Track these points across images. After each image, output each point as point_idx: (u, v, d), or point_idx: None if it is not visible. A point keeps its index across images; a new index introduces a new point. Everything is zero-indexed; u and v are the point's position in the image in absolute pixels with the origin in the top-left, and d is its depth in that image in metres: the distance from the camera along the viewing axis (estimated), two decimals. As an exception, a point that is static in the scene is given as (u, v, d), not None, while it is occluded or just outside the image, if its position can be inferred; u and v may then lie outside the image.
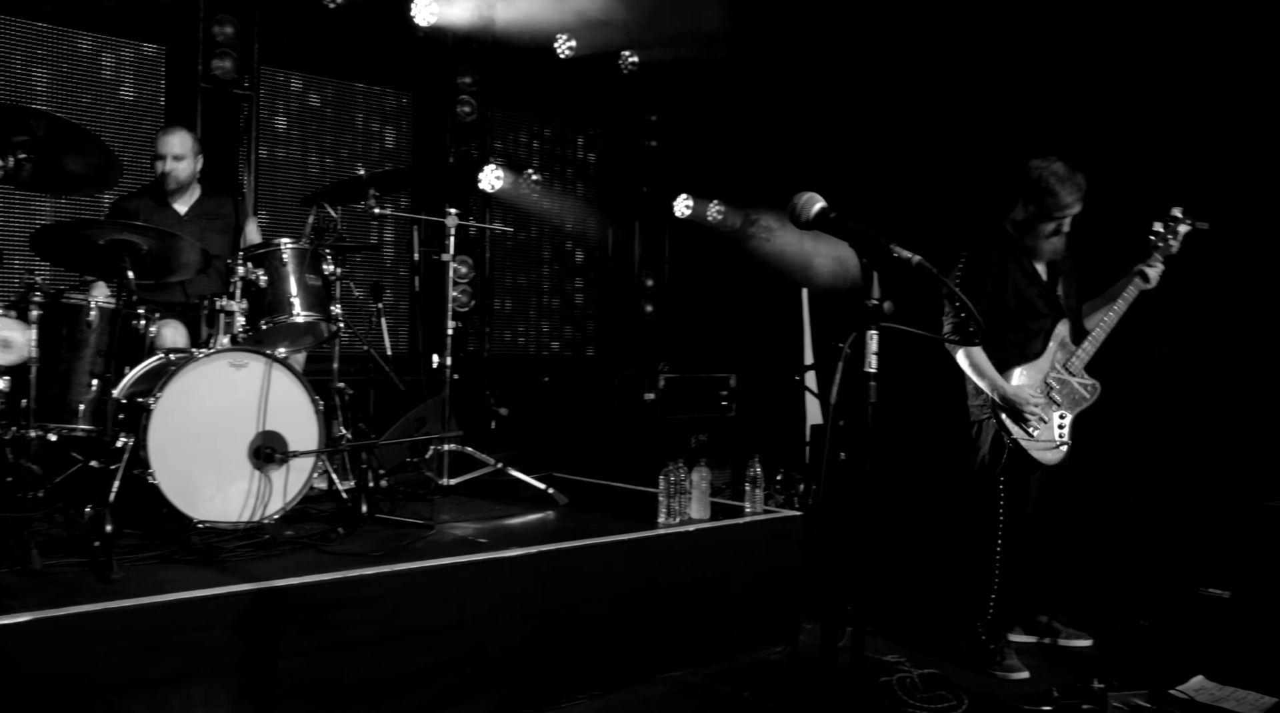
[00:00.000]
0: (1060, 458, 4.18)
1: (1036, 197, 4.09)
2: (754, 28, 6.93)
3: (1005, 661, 4.08)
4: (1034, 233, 4.15)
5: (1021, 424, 4.09)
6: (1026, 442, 4.11)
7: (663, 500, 4.22)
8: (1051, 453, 4.15)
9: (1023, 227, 4.18)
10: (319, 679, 3.07)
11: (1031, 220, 4.15)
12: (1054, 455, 4.16)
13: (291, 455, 3.80)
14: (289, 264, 4.11)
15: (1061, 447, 4.17)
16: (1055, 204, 4.06)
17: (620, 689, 3.77)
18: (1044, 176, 4.05)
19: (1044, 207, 4.08)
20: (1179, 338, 5.64)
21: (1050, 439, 4.15)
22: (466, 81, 7.01)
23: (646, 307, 8.25)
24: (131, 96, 5.92)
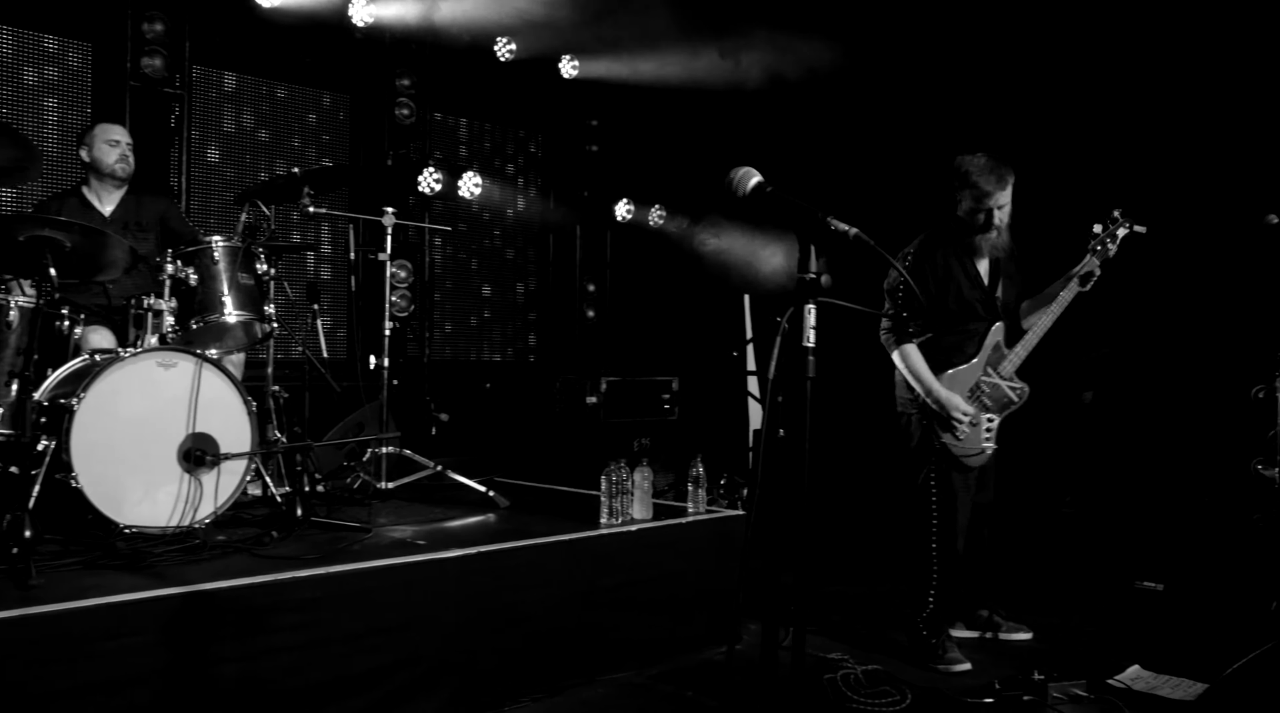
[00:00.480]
0: (985, 460, 4.21)
1: (964, 190, 4.15)
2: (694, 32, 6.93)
3: (947, 654, 4.10)
4: (971, 228, 4.20)
5: (949, 429, 4.12)
6: (954, 446, 4.14)
7: (605, 501, 4.19)
8: (977, 457, 4.18)
9: (963, 223, 4.23)
10: (254, 685, 2.98)
11: (967, 217, 4.19)
12: (979, 459, 4.19)
13: (223, 458, 3.70)
14: (220, 262, 4.00)
15: (986, 450, 4.20)
16: (979, 194, 4.11)
17: (563, 692, 3.73)
18: (967, 169, 4.12)
19: (975, 198, 4.13)
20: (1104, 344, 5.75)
21: (977, 443, 4.17)
22: (405, 84, 6.92)
23: (588, 312, 8.21)
24: (56, 95, 5.76)
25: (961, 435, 4.12)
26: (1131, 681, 3.84)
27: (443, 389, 6.91)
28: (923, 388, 4.13)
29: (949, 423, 4.10)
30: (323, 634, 3.13)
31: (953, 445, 4.13)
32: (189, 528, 3.60)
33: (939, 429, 4.13)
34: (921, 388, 4.13)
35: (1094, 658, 4.06)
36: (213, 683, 2.90)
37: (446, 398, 6.84)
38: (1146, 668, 3.98)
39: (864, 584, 5.35)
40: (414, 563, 3.42)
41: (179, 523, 3.59)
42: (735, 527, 4.49)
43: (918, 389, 4.14)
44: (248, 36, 6.27)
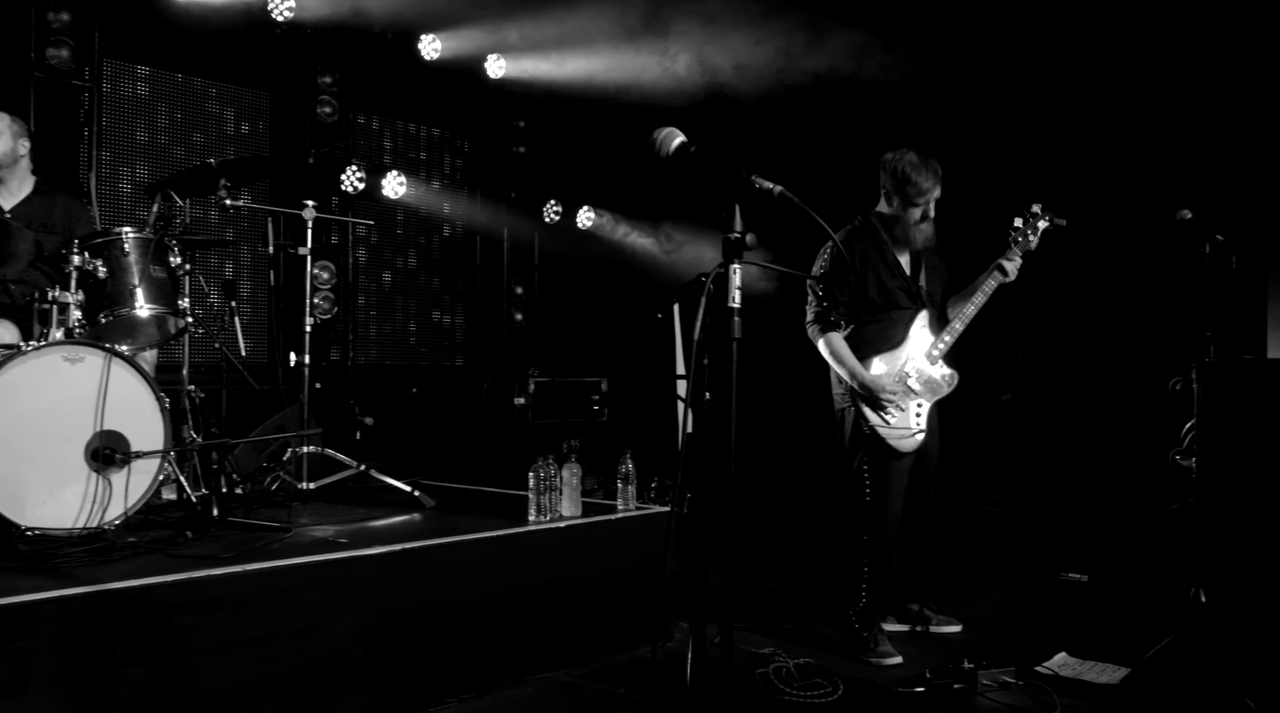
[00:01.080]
0: (917, 445, 4.23)
1: (898, 187, 4.19)
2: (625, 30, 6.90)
3: (879, 647, 4.10)
4: (902, 223, 4.23)
5: (878, 412, 4.14)
6: (883, 430, 4.15)
7: (533, 498, 4.11)
8: (908, 441, 4.20)
9: (890, 219, 4.26)
10: (165, 689, 2.84)
11: (897, 212, 4.23)
12: (910, 443, 4.21)
13: (134, 457, 3.55)
14: (131, 254, 3.85)
15: (918, 435, 4.22)
16: (916, 191, 4.16)
17: (492, 692, 3.63)
18: (901, 167, 4.16)
19: (905, 195, 4.18)
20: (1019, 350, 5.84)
21: (907, 427, 4.19)
22: (327, 81, 6.79)
23: (516, 315, 8.12)
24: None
25: (891, 418, 4.13)
26: (1059, 667, 3.88)
27: (367, 393, 6.77)
28: (848, 372, 4.14)
29: (878, 404, 4.12)
30: (238, 635, 3.01)
31: (882, 429, 4.13)
32: (96, 529, 3.44)
33: (869, 412, 4.13)
34: (847, 373, 4.15)
35: (1022, 647, 4.09)
36: (121, 686, 2.76)
37: (371, 402, 6.70)
38: (1073, 655, 4.03)
39: (796, 581, 5.34)
40: (335, 560, 3.31)
41: (86, 524, 3.43)
42: (665, 524, 4.44)
43: (843, 375, 4.16)
44: (163, 30, 6.09)
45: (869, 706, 3.60)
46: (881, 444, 4.16)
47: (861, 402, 4.15)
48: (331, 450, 4.47)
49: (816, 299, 4.22)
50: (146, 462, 3.61)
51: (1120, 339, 5.61)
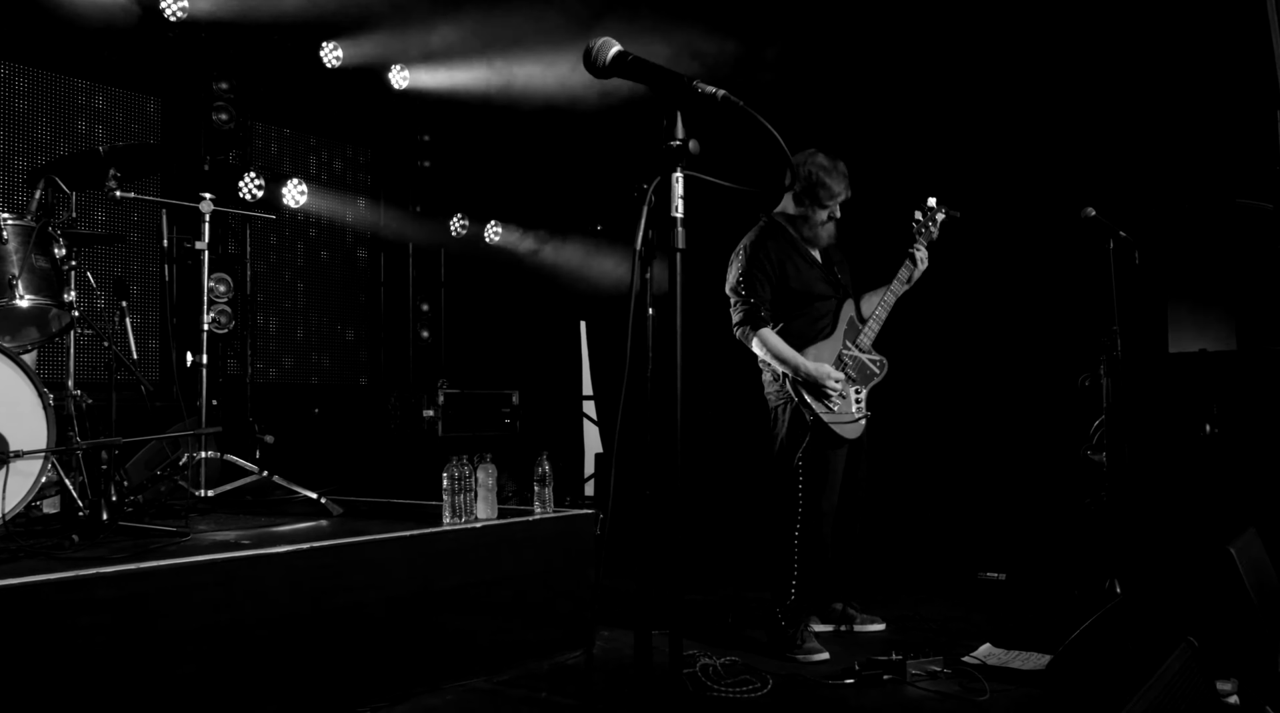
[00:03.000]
0: (861, 431, 4.22)
1: (808, 189, 4.20)
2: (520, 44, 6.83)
3: (805, 644, 4.03)
4: (810, 223, 4.27)
5: (823, 400, 4.10)
6: (828, 417, 4.12)
7: (447, 499, 3.94)
8: (853, 426, 4.18)
9: (797, 219, 4.29)
10: (47, 698, 2.60)
11: (805, 213, 4.25)
12: (855, 430, 4.19)
13: (13, 457, 3.28)
14: (10, 242, 3.59)
15: (861, 420, 4.21)
16: (828, 193, 4.20)
17: (406, 700, 3.45)
18: (813, 171, 4.17)
19: (816, 197, 4.20)
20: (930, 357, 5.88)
21: (849, 413, 4.17)
22: (224, 87, 6.53)
23: (423, 332, 7.90)
24: None
25: (834, 406, 4.10)
26: (985, 657, 3.87)
27: (267, 412, 6.49)
28: (789, 366, 4.10)
29: (823, 391, 4.08)
30: (132, 638, 2.78)
31: (826, 416, 4.10)
32: (-30, 535, 3.16)
33: (813, 401, 4.09)
34: (787, 366, 4.10)
35: (947, 642, 4.06)
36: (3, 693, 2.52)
37: (272, 421, 6.41)
38: (997, 646, 4.02)
39: (716, 591, 5.25)
40: (236, 559, 3.10)
41: (-42, 530, 3.15)
42: (585, 526, 4.31)
43: (783, 369, 4.11)
44: (43, 26, 5.78)
45: (798, 699, 3.52)
46: (826, 433, 4.12)
47: (804, 392, 4.10)
48: (232, 456, 4.23)
49: (741, 300, 4.18)
50: (27, 463, 3.35)
51: (1027, 337, 5.70)
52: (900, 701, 3.45)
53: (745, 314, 4.17)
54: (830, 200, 4.21)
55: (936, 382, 5.88)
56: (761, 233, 4.29)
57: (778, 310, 4.20)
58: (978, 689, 3.49)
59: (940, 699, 3.44)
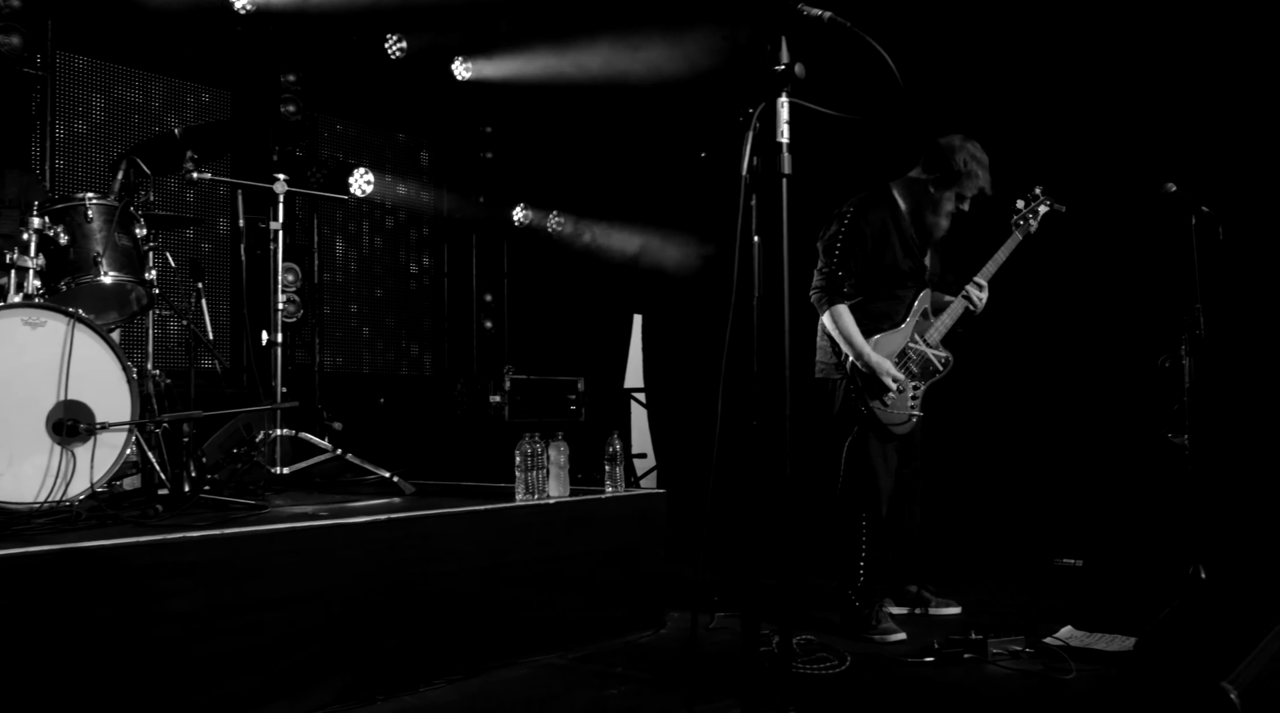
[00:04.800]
0: (910, 429, 4.13)
1: (952, 175, 4.04)
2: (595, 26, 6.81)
3: (881, 624, 3.97)
4: (935, 208, 4.12)
5: (878, 394, 4.03)
6: (880, 412, 4.04)
7: (520, 475, 3.94)
8: (904, 425, 4.10)
9: (922, 197, 4.13)
10: (136, 658, 2.63)
11: (937, 197, 4.10)
12: (905, 427, 4.11)
13: (100, 428, 3.33)
14: (95, 221, 3.65)
15: (913, 418, 4.12)
16: (973, 185, 4.05)
17: (482, 673, 3.45)
18: (966, 160, 4.01)
19: (960, 184, 4.05)
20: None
21: (903, 410, 4.09)
22: (291, 79, 6.61)
23: (486, 323, 7.94)
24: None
25: (889, 401, 4.02)
26: (1067, 638, 3.77)
27: (334, 400, 6.55)
28: (853, 351, 4.01)
29: (878, 388, 4.00)
30: (214, 603, 2.81)
31: (879, 411, 4.02)
32: (59, 504, 3.22)
33: (866, 395, 4.02)
34: (852, 351, 4.02)
35: (1025, 624, 3.97)
36: (89, 654, 2.55)
37: (338, 410, 6.47)
38: (1079, 628, 3.92)
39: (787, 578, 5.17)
40: (316, 528, 3.12)
41: (48, 499, 3.21)
42: (656, 505, 4.29)
43: (847, 351, 4.03)
44: (120, 23, 5.90)
45: (878, 675, 3.46)
46: (876, 425, 4.05)
47: (860, 381, 4.03)
48: (307, 434, 4.26)
49: (827, 265, 4.07)
50: (112, 436, 3.40)
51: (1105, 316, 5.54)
52: (982, 679, 3.38)
53: (827, 282, 4.06)
54: (973, 192, 4.07)
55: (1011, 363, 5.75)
56: (870, 200, 4.15)
57: (860, 285, 4.09)
58: (1063, 668, 3.40)
59: (1024, 678, 3.36)
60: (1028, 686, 3.29)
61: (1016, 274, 4.51)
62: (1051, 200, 4.30)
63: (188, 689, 2.72)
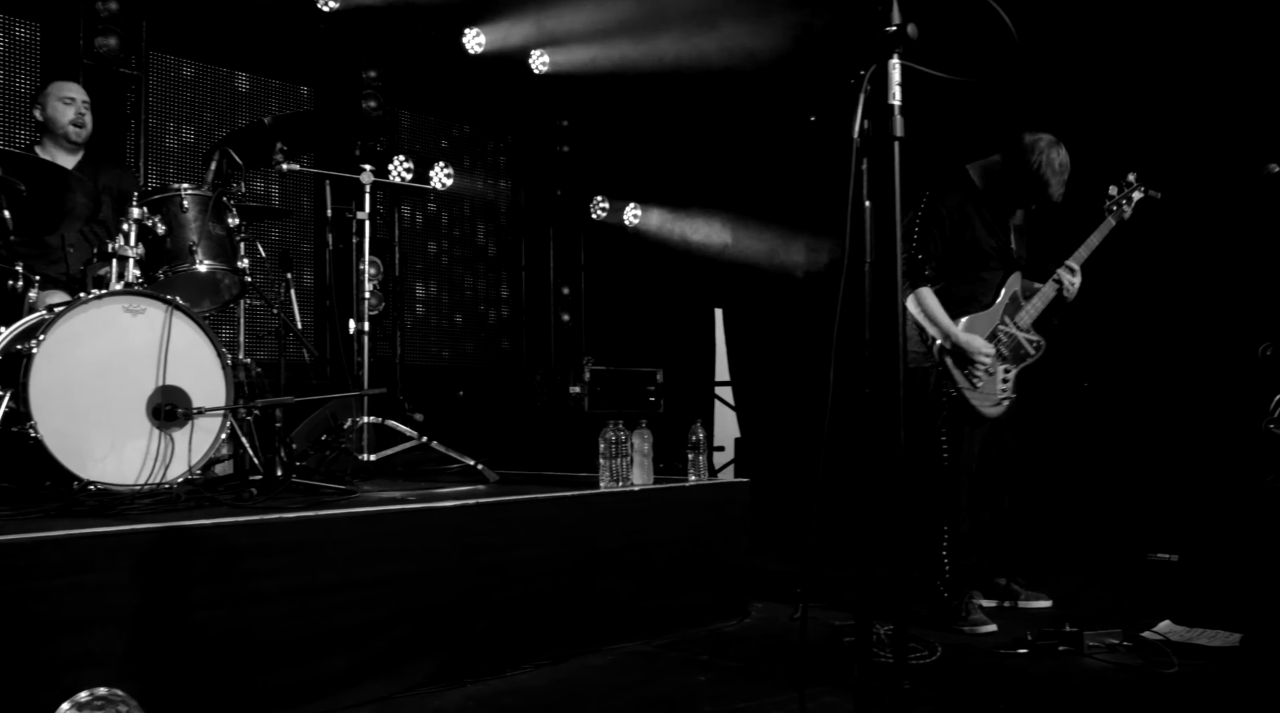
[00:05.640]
0: (1002, 412, 4.04)
1: (1027, 178, 3.95)
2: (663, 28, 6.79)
3: (971, 615, 3.89)
4: (1008, 201, 4.07)
5: (968, 375, 3.95)
6: (970, 394, 3.96)
7: (603, 462, 3.94)
8: (994, 407, 4.01)
9: (995, 184, 4.07)
10: (230, 635, 2.68)
11: (1011, 192, 4.04)
12: (996, 410, 4.02)
13: (197, 413, 3.41)
14: (190, 211, 3.74)
15: (1004, 401, 4.03)
16: (1040, 194, 3.96)
17: (568, 660, 3.45)
18: (1041, 165, 3.90)
19: (1032, 188, 3.96)
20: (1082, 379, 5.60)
21: (993, 393, 4.01)
22: (372, 75, 6.71)
23: (564, 316, 7.98)
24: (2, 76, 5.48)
25: (979, 382, 3.94)
26: (1166, 632, 3.65)
27: (414, 393, 6.62)
28: (940, 332, 3.95)
29: (969, 367, 3.93)
30: (304, 583, 2.85)
31: (969, 394, 3.94)
32: (160, 486, 3.29)
33: (957, 374, 3.94)
34: (939, 332, 3.95)
35: (1119, 619, 3.86)
36: (188, 629, 2.61)
37: (418, 402, 6.55)
38: (1178, 623, 3.79)
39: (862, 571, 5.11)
40: (406, 511, 3.16)
41: (148, 481, 3.29)
42: (739, 495, 4.27)
43: (933, 333, 3.96)
44: (208, 23, 6.04)
45: (969, 666, 3.39)
46: (966, 408, 3.97)
47: (950, 362, 3.96)
48: (393, 422, 4.32)
49: (906, 248, 4.01)
50: (208, 421, 3.48)
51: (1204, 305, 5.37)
52: (1079, 671, 3.29)
53: (908, 266, 3.99)
54: (1041, 200, 3.98)
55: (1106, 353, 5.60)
56: (946, 183, 4.09)
57: (942, 270, 4.02)
58: (1164, 663, 3.29)
59: (1123, 671, 3.27)
60: (1128, 679, 3.19)
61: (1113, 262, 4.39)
62: (1146, 187, 4.19)
63: (282, 667, 2.77)
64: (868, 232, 1.90)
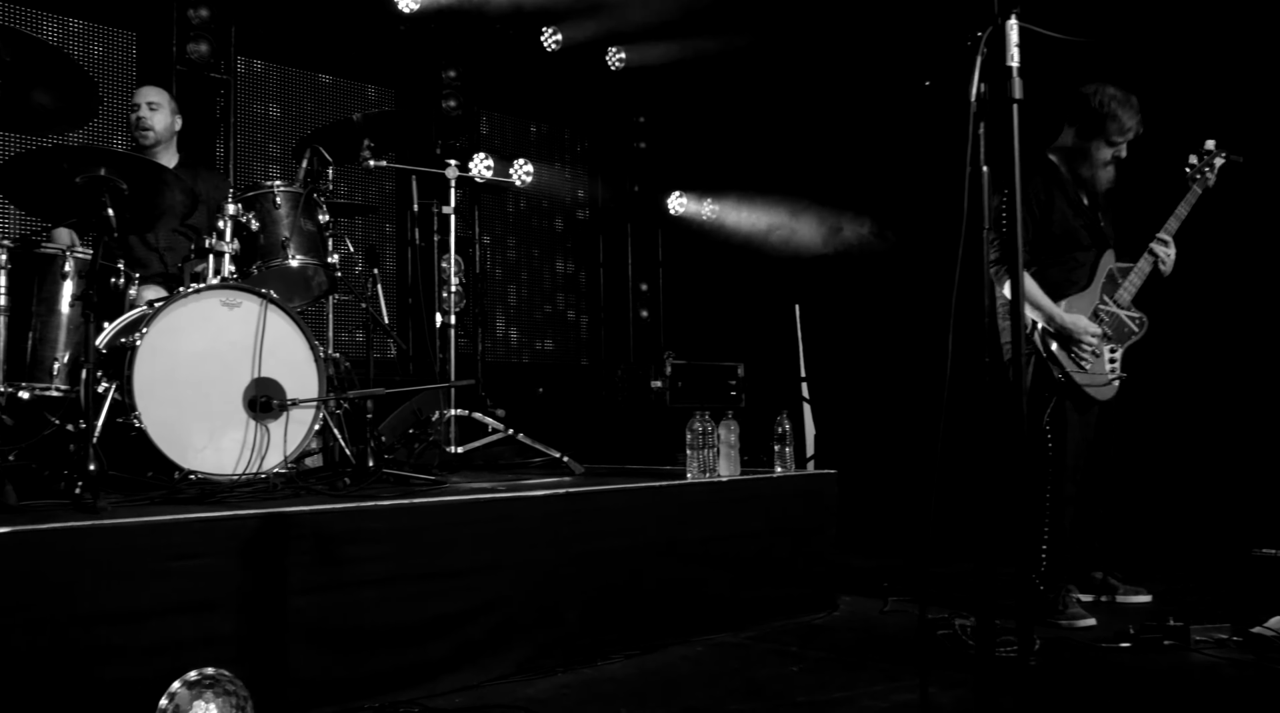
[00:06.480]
0: (1113, 394, 3.94)
1: (1096, 122, 3.91)
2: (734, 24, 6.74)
3: (1069, 609, 3.80)
4: (1089, 161, 3.97)
5: (1075, 357, 3.85)
6: (1079, 376, 3.86)
7: (690, 453, 3.93)
8: (1105, 388, 3.91)
9: (1075, 154, 4.00)
10: (331, 621, 2.73)
11: (1087, 148, 3.96)
12: (1108, 391, 3.92)
13: (292, 405, 3.47)
14: (282, 207, 3.81)
15: (1114, 382, 3.93)
16: (1118, 128, 3.89)
17: (657, 650, 3.44)
18: (1104, 100, 3.88)
19: (1105, 131, 3.91)
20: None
21: (1103, 374, 3.91)
22: (451, 75, 6.79)
23: (642, 312, 7.98)
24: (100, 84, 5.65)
25: (1087, 364, 3.85)
26: (1279, 628, 3.51)
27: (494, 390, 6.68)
28: (1042, 314, 3.87)
29: (1076, 349, 3.84)
30: (400, 569, 2.89)
31: (1077, 376, 3.85)
32: (256, 475, 3.36)
33: (1064, 358, 3.86)
34: (1041, 315, 3.87)
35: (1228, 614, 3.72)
36: (289, 614, 2.65)
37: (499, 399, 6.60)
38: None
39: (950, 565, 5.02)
40: (497, 500, 3.19)
41: (245, 471, 3.36)
42: (827, 486, 4.22)
43: (1035, 317, 3.88)
44: (294, 28, 6.17)
45: (1070, 659, 3.29)
46: (1076, 393, 3.88)
47: (1055, 346, 3.87)
48: (479, 414, 4.35)
49: (997, 235, 3.94)
50: (302, 412, 3.54)
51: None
52: (1187, 667, 3.18)
53: (1003, 252, 3.93)
54: (1119, 135, 3.91)
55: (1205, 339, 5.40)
56: (1031, 168, 3.99)
57: (1034, 254, 3.94)
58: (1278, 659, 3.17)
59: (1235, 667, 3.15)
60: (1240, 676, 3.07)
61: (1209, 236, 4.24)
62: (1227, 153, 4.05)
63: (379, 653, 2.80)
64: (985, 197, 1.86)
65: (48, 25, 5.51)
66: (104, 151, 3.40)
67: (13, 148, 5.10)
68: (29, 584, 2.28)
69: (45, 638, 2.28)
